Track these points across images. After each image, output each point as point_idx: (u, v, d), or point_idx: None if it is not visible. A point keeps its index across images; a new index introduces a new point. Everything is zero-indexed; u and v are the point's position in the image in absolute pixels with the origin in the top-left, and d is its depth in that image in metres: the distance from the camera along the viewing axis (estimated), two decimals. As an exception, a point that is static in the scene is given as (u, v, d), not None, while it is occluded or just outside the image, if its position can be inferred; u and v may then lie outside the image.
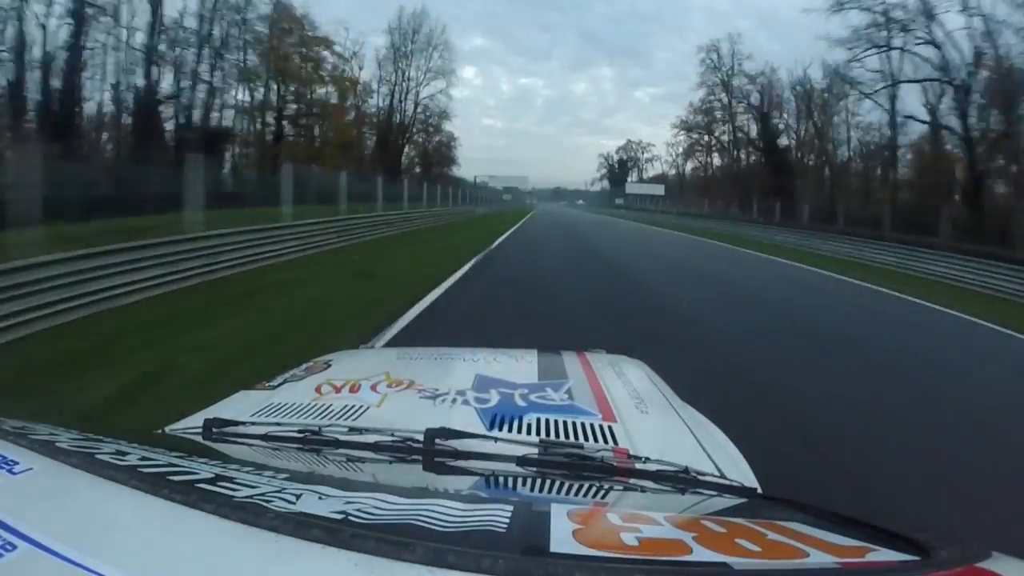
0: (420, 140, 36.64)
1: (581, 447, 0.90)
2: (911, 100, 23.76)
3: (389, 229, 15.22)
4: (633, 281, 9.58)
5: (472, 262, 10.46)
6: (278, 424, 0.97)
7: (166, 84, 22.17)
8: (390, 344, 4.67)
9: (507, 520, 0.51)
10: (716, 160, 40.88)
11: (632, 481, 0.81)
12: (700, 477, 0.83)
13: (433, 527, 0.48)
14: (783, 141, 32.93)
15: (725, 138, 38.34)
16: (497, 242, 15.40)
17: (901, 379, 4.80)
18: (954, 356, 6.16)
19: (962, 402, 4.30)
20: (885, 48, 23.19)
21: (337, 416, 1.04)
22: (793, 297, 9.30)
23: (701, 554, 0.47)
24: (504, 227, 21.58)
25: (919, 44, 22.19)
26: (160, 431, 1.02)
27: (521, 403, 1.14)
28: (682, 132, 42.65)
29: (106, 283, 5.45)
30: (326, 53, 28.96)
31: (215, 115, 24.50)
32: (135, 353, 4.27)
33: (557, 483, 0.78)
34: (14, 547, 0.40)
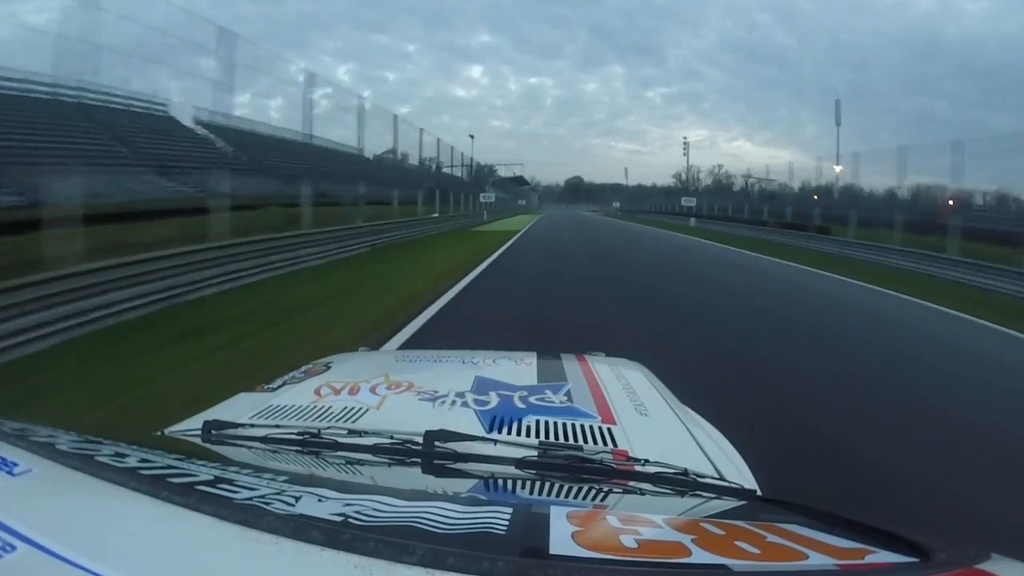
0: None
1: (580, 449, 0.90)
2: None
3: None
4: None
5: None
6: (277, 426, 0.97)
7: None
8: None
9: (506, 522, 0.51)
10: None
11: (631, 483, 0.81)
12: (699, 479, 0.83)
13: (432, 529, 0.48)
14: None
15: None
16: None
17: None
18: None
19: None
20: None
21: (336, 418, 1.04)
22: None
23: (700, 556, 0.47)
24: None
25: None
26: (159, 433, 1.01)
27: (520, 405, 1.14)
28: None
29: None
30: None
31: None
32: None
33: (556, 485, 0.78)
34: (14, 548, 0.40)
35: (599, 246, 18.27)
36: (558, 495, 0.76)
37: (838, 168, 29.49)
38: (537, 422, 1.05)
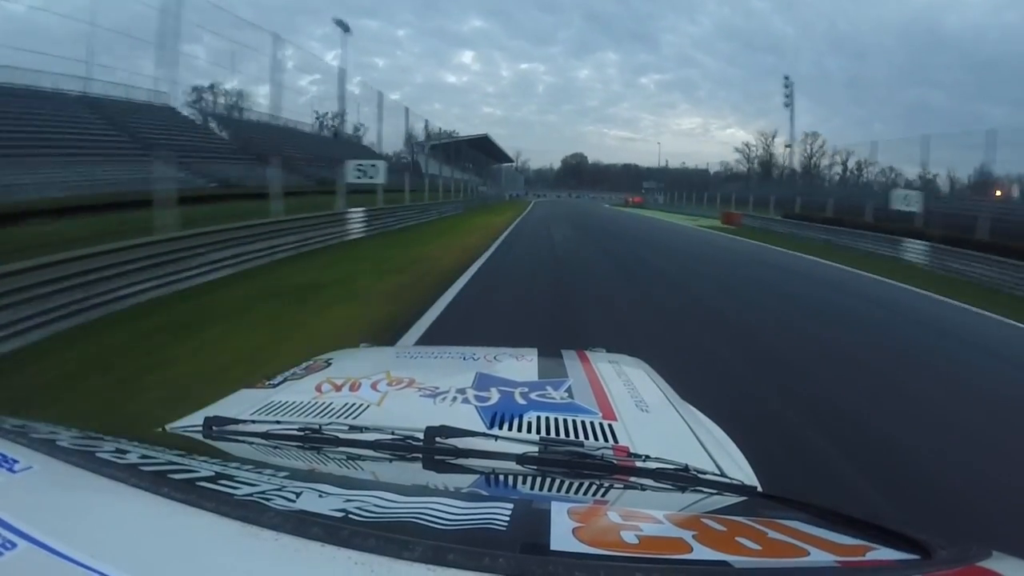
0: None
1: (581, 445, 0.90)
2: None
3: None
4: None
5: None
6: (278, 422, 0.97)
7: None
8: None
9: (507, 518, 0.51)
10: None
11: (632, 479, 0.81)
12: (700, 475, 0.83)
13: (433, 525, 0.48)
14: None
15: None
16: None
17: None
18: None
19: None
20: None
21: (337, 414, 1.04)
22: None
23: (701, 552, 0.47)
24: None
25: None
26: (160, 429, 1.02)
27: (521, 401, 1.14)
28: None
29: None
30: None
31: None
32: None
33: (557, 481, 0.78)
34: (14, 545, 0.40)
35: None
36: (559, 491, 0.76)
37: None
38: (538, 418, 1.05)
